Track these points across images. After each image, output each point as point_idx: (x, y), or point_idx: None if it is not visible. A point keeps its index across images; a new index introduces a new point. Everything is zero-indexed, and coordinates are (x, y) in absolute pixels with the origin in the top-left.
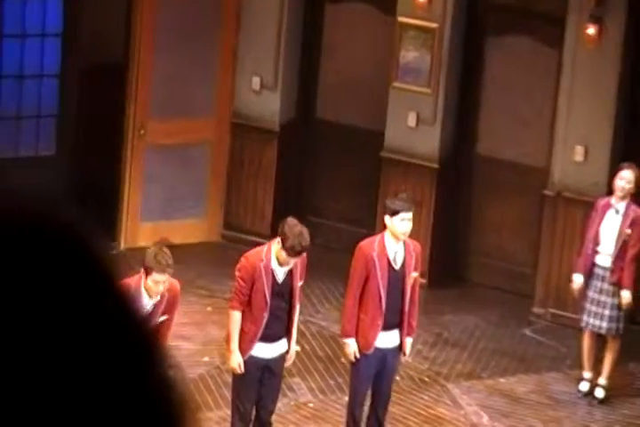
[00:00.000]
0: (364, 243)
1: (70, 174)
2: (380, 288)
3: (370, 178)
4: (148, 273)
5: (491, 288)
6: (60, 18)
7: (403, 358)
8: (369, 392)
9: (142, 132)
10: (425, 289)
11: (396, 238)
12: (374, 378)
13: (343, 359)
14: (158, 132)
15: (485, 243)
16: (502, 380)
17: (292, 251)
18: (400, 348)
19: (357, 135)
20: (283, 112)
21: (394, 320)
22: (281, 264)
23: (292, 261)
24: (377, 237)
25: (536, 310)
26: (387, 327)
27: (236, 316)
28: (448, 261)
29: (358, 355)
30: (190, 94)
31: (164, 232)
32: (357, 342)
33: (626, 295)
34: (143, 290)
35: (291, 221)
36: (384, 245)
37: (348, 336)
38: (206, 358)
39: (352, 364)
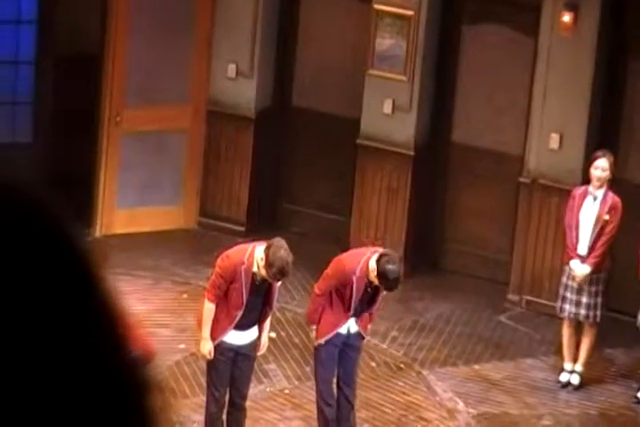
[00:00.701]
0: (348, 261)
1: (47, 161)
2: (353, 299)
3: (346, 165)
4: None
5: (466, 275)
6: (35, 5)
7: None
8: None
9: (118, 119)
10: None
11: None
12: (338, 359)
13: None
14: (134, 119)
15: (461, 230)
16: (477, 366)
17: (273, 278)
18: (360, 333)
19: (333, 123)
20: (258, 99)
21: (356, 315)
22: (261, 273)
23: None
24: (362, 260)
25: (511, 296)
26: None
27: (211, 306)
28: (424, 248)
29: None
30: (166, 82)
31: (140, 219)
32: (320, 329)
33: (584, 269)
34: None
35: (277, 245)
36: (365, 272)
37: (314, 324)
38: (182, 346)
39: (315, 352)
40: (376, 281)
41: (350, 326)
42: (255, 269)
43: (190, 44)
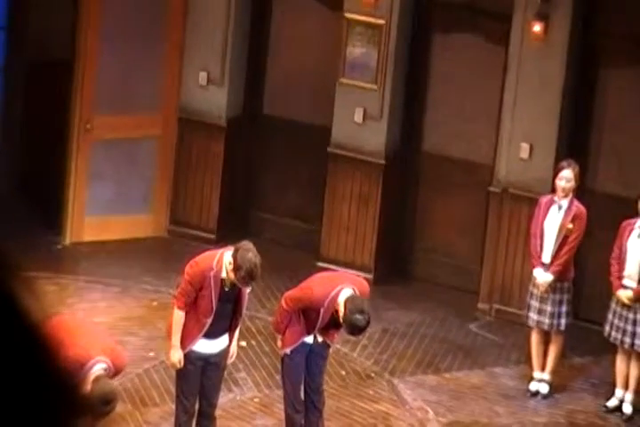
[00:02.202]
0: (318, 291)
1: (15, 168)
2: (318, 322)
3: (317, 174)
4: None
5: (436, 284)
6: (4, 11)
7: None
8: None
9: (88, 126)
10: (371, 285)
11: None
12: (305, 366)
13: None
14: (104, 127)
15: (431, 239)
16: (447, 375)
17: (242, 282)
18: (326, 342)
19: (304, 131)
20: (230, 107)
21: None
22: (230, 277)
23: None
24: (332, 294)
25: (481, 305)
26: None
27: (180, 314)
28: (394, 257)
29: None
30: (137, 89)
31: (110, 227)
32: (286, 339)
33: (547, 277)
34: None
35: (245, 248)
36: (333, 307)
37: (280, 334)
38: (152, 354)
39: (282, 361)
40: (341, 320)
41: (317, 334)
42: (224, 274)
43: (161, 52)
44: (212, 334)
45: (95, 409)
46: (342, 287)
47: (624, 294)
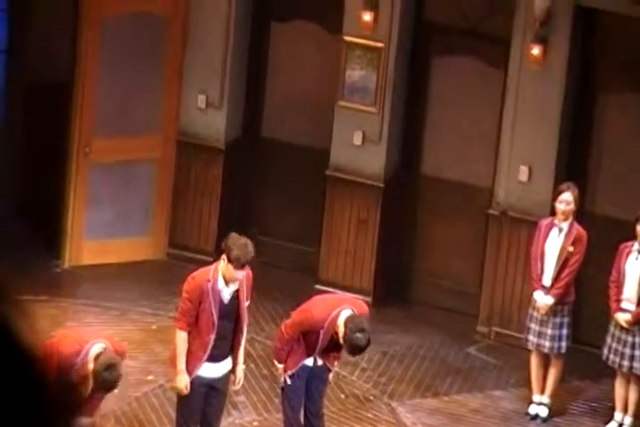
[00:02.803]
0: (317, 313)
1: (15, 192)
2: (318, 345)
3: (315, 196)
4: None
5: (435, 307)
6: (4, 34)
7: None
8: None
9: (87, 149)
10: (370, 308)
11: (226, 283)
12: (305, 390)
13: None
14: (104, 150)
15: (430, 262)
16: (446, 398)
17: (237, 262)
18: (326, 365)
19: (303, 154)
20: (228, 130)
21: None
22: (227, 283)
23: (240, 275)
24: (332, 315)
25: (480, 328)
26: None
27: (183, 336)
28: (393, 279)
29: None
30: (136, 112)
31: (109, 250)
32: (286, 364)
33: (547, 300)
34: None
35: (234, 235)
36: (333, 328)
37: (281, 362)
38: (150, 377)
39: (282, 387)
40: (341, 341)
41: (317, 358)
42: (221, 285)
43: (161, 75)
44: (216, 356)
45: (101, 380)
46: (342, 309)
47: (622, 318)
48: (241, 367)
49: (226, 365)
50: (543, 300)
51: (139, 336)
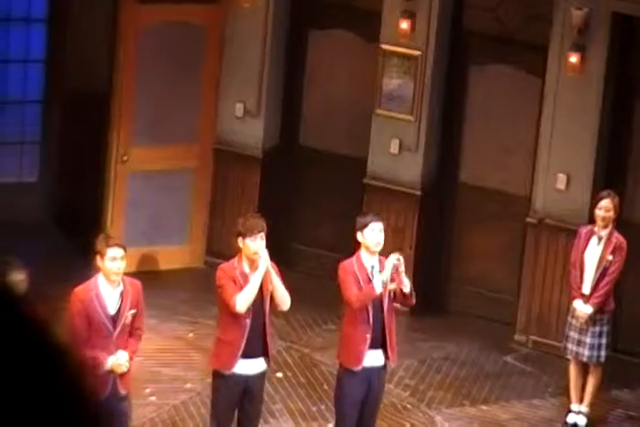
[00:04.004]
0: (345, 263)
1: (54, 200)
2: (371, 311)
3: (353, 205)
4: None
5: (473, 316)
6: (43, 44)
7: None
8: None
9: (125, 158)
10: (407, 316)
11: (371, 252)
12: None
13: (325, 386)
14: (141, 158)
15: (468, 270)
16: (484, 407)
17: (250, 230)
18: (385, 367)
19: (340, 162)
20: (266, 139)
21: (378, 337)
22: (252, 263)
23: (262, 246)
24: (354, 257)
25: (518, 337)
26: (373, 345)
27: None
28: (430, 288)
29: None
30: (173, 121)
31: (147, 258)
32: (345, 359)
33: (587, 309)
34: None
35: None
36: (361, 262)
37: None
38: (188, 385)
39: (337, 387)
40: (369, 242)
41: (375, 357)
42: (247, 270)
43: (198, 83)
44: (249, 353)
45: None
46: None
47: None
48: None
49: (260, 363)
50: (582, 308)
51: (176, 344)
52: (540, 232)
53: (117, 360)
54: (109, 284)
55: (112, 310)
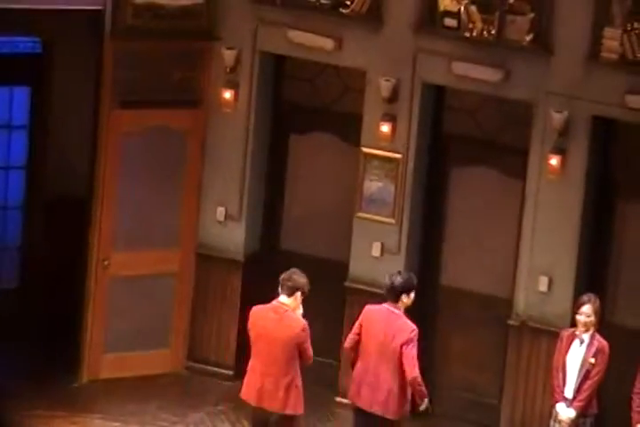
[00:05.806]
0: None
1: (33, 306)
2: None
3: (334, 308)
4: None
5: (455, 419)
6: (24, 150)
7: None
8: None
9: (106, 263)
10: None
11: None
12: None
13: None
14: (122, 263)
15: (449, 374)
16: None
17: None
18: None
19: (321, 265)
20: (247, 243)
21: None
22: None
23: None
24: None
25: None
26: None
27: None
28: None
29: None
30: (155, 225)
31: (127, 363)
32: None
33: (569, 413)
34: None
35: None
36: None
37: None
38: None
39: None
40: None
41: None
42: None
43: (179, 188)
44: None
45: None
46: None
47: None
48: None
49: None
50: (565, 412)
51: None
52: (522, 335)
53: None
54: None
55: None
